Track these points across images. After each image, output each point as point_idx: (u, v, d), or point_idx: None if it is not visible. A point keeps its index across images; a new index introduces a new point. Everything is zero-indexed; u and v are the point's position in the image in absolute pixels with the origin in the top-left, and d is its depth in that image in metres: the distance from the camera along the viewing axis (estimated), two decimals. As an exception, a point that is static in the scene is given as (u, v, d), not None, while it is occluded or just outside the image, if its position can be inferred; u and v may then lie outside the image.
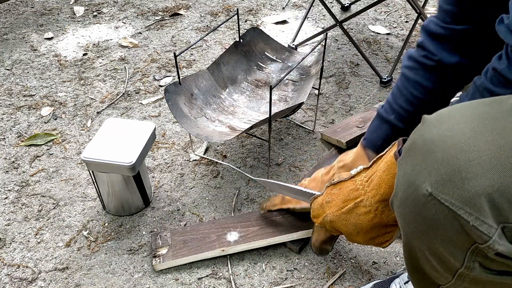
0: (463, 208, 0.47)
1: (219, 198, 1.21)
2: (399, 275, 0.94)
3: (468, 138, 0.48)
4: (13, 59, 1.77)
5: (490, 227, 0.46)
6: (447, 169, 0.47)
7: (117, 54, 1.79)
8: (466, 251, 0.49)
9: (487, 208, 0.46)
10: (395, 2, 2.12)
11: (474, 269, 0.50)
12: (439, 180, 0.48)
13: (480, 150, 0.46)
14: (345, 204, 0.75)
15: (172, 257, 1.02)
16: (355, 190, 0.74)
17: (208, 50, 1.81)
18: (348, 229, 0.77)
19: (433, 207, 0.49)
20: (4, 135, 1.42)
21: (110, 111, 1.51)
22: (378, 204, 0.70)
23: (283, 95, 1.36)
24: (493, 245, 0.46)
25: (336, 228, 0.80)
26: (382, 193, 0.69)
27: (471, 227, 0.46)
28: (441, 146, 0.49)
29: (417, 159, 0.51)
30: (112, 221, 1.15)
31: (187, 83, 1.24)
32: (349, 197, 0.75)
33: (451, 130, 0.49)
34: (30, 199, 1.21)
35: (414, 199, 0.51)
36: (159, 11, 2.09)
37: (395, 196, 0.56)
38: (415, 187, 0.50)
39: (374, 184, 0.70)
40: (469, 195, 0.46)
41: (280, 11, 2.08)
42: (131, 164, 1.02)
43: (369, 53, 1.77)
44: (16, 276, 1.03)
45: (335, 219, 0.78)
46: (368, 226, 0.73)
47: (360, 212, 0.73)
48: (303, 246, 1.07)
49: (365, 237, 0.76)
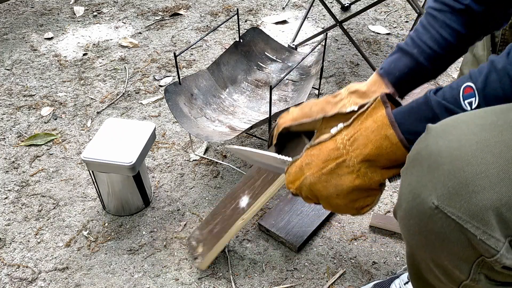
0: (470, 222, 0.46)
1: (219, 198, 1.21)
2: (399, 275, 0.94)
3: (475, 150, 0.47)
4: (13, 59, 1.77)
5: (497, 241, 0.46)
6: (454, 182, 0.47)
7: (117, 54, 1.79)
8: (472, 264, 0.49)
9: (495, 222, 0.45)
10: (395, 2, 2.12)
11: (480, 281, 0.50)
12: (445, 193, 0.47)
13: (487, 163, 0.46)
14: (326, 164, 0.71)
15: (207, 251, 1.01)
16: (336, 149, 0.70)
17: (208, 50, 1.81)
18: (328, 191, 0.72)
19: (439, 220, 0.48)
20: (4, 135, 1.42)
21: (110, 111, 1.51)
22: (361, 165, 0.66)
23: (283, 95, 1.36)
24: (501, 259, 0.46)
25: (315, 192, 0.74)
26: (367, 153, 0.65)
27: (478, 241, 0.46)
28: (448, 158, 0.48)
29: (422, 171, 0.50)
30: (112, 221, 1.15)
31: (187, 83, 1.24)
32: (330, 157, 0.70)
33: (458, 141, 0.48)
34: (30, 199, 1.21)
35: (420, 212, 0.50)
36: (159, 11, 2.09)
37: (399, 207, 0.55)
38: (420, 199, 0.50)
39: (358, 144, 0.66)
40: (476, 209, 0.46)
41: (280, 11, 2.08)
42: (131, 164, 1.02)
43: (369, 53, 1.77)
44: (16, 276, 1.03)
45: (315, 180, 0.72)
46: (350, 188, 0.69)
47: (342, 173, 0.69)
48: (302, 245, 1.07)
49: (345, 199, 0.71)
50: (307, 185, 0.74)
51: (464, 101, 0.56)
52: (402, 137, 0.58)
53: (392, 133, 0.61)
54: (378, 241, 1.09)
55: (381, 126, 0.63)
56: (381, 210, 1.16)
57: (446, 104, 0.58)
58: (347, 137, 0.69)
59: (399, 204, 0.55)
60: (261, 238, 1.10)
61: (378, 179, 0.63)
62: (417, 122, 0.60)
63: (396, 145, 0.59)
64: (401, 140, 0.58)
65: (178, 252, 1.07)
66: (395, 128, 0.61)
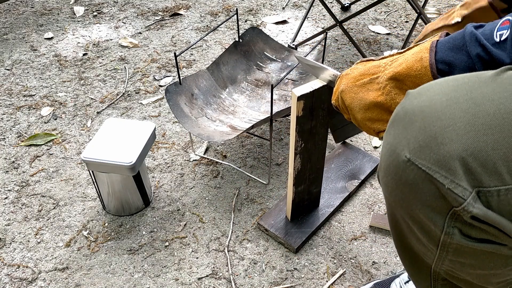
0: (439, 172, 0.48)
1: (219, 198, 1.21)
2: (399, 275, 0.94)
3: (445, 107, 0.50)
4: (13, 59, 1.77)
5: (464, 189, 0.47)
6: (424, 136, 0.50)
7: (117, 54, 1.79)
8: (445, 216, 0.50)
9: (461, 172, 0.47)
10: (395, 2, 2.12)
11: (454, 235, 0.51)
12: (416, 147, 0.50)
13: (455, 117, 0.48)
14: (362, 77, 0.73)
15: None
16: (377, 66, 0.72)
17: (208, 50, 1.81)
18: (353, 102, 0.74)
19: (411, 172, 0.51)
20: (4, 135, 1.42)
21: (110, 111, 1.51)
22: (388, 82, 0.68)
23: (283, 95, 1.36)
24: (468, 207, 0.47)
25: (345, 101, 0.77)
26: (397, 71, 0.66)
27: (447, 190, 0.48)
28: (420, 115, 0.51)
29: (398, 129, 0.53)
30: (112, 221, 1.15)
31: (187, 83, 1.24)
32: (369, 71, 0.73)
33: (430, 100, 0.51)
34: (30, 199, 1.21)
35: (395, 166, 0.53)
36: (159, 11, 2.09)
37: (380, 168, 0.58)
38: (395, 155, 0.52)
39: (396, 64, 0.68)
40: (444, 159, 0.48)
41: (280, 11, 2.08)
42: (131, 164, 1.02)
43: (369, 53, 1.77)
44: (16, 276, 1.03)
45: (346, 88, 0.75)
46: (371, 103, 0.71)
47: (372, 88, 0.71)
48: (300, 246, 1.07)
49: (365, 114, 0.73)
50: (340, 92, 0.77)
51: (497, 32, 0.57)
52: (433, 61, 0.60)
53: (427, 56, 0.62)
54: (378, 241, 1.09)
55: (422, 50, 0.64)
56: (381, 210, 1.16)
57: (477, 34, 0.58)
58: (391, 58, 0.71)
59: (380, 165, 0.57)
60: (261, 238, 1.10)
61: (399, 101, 0.64)
62: (449, 51, 0.61)
63: (426, 68, 0.61)
64: (431, 65, 0.60)
65: (178, 252, 1.07)
66: (431, 52, 0.62)
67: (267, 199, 1.19)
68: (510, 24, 0.56)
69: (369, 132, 0.75)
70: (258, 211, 1.16)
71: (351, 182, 1.20)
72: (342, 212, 1.16)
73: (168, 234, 1.11)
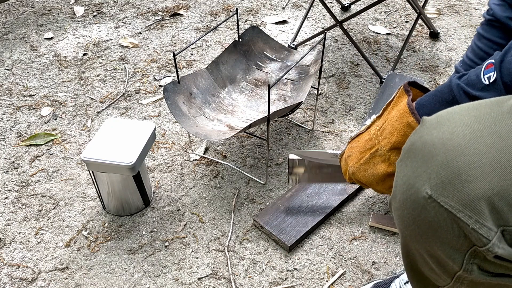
0: (463, 211, 0.46)
1: (219, 198, 1.21)
2: (399, 275, 0.94)
3: (468, 141, 0.47)
4: (13, 59, 1.77)
5: (489, 230, 0.46)
6: (447, 172, 0.47)
7: (117, 54, 1.79)
8: (464, 254, 0.49)
9: (487, 211, 0.45)
10: (395, 2, 2.12)
11: (473, 271, 0.50)
12: (439, 183, 0.48)
13: (480, 153, 0.46)
14: (363, 155, 0.76)
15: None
16: (369, 140, 0.74)
17: (208, 50, 1.81)
18: (368, 179, 0.76)
19: (432, 209, 0.48)
20: (4, 135, 1.42)
21: (110, 111, 1.51)
22: (390, 153, 0.70)
23: (282, 95, 1.36)
24: (493, 248, 0.46)
25: (359, 180, 0.79)
26: (394, 141, 0.68)
27: (471, 230, 0.46)
28: (441, 149, 0.48)
29: (417, 161, 0.50)
30: (112, 221, 1.15)
31: (186, 82, 1.24)
32: (365, 147, 0.75)
33: (451, 133, 0.49)
34: (30, 199, 1.21)
35: (414, 202, 0.50)
36: (159, 11, 2.09)
37: (394, 198, 0.55)
38: (414, 189, 0.50)
39: (386, 133, 0.70)
40: (469, 198, 0.46)
41: (280, 11, 2.08)
42: (131, 164, 1.02)
43: (369, 53, 1.77)
44: (16, 276, 1.03)
45: (355, 170, 0.78)
46: (385, 175, 0.73)
47: (377, 162, 0.73)
48: (294, 245, 1.07)
49: (384, 185, 0.75)
50: (352, 175, 0.80)
51: (484, 76, 0.57)
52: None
53: (413, 120, 0.63)
54: (378, 241, 1.09)
55: (403, 115, 0.66)
56: (381, 210, 1.16)
57: (464, 87, 0.59)
58: (378, 127, 0.73)
59: (394, 195, 0.55)
60: (261, 238, 1.10)
61: None
62: (438, 105, 0.62)
63: None
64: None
65: (178, 252, 1.07)
66: (414, 115, 0.63)
67: (267, 199, 1.19)
68: (495, 66, 0.57)
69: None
70: (258, 211, 1.16)
71: (351, 184, 1.20)
72: (342, 212, 1.16)
73: (168, 234, 1.11)
